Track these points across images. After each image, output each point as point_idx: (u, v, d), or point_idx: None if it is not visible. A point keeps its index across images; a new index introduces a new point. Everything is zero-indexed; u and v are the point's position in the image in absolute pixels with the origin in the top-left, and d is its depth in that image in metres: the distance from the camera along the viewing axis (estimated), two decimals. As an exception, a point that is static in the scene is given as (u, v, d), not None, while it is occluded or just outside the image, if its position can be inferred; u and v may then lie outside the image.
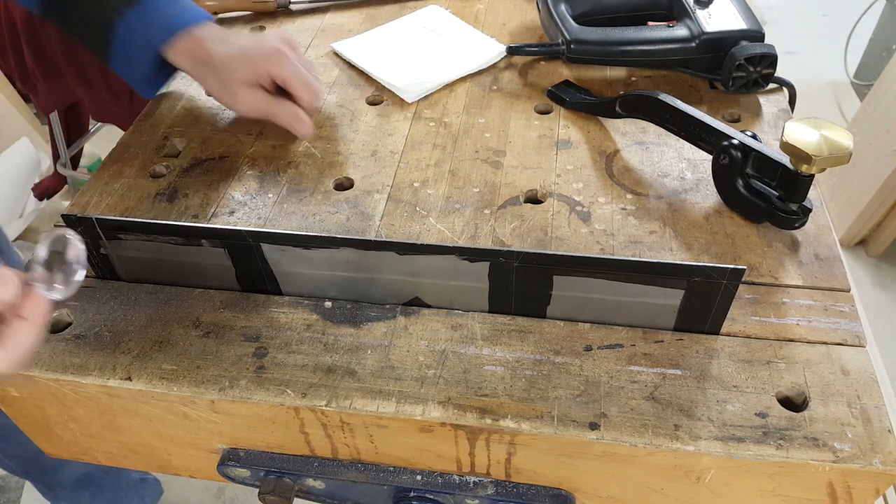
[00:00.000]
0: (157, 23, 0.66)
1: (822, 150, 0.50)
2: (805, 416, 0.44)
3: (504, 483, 0.51)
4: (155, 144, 0.69)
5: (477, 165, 0.64)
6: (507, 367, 0.48)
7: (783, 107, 0.69)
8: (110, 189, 0.64)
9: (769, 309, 0.51)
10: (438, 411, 0.46)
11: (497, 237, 0.57)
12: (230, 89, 0.66)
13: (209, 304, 0.54)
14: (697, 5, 0.72)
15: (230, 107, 0.69)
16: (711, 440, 0.44)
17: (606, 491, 0.50)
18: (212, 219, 0.60)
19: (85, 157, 1.80)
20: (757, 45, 0.68)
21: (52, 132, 1.60)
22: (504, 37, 0.81)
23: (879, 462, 0.42)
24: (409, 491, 0.51)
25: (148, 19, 0.66)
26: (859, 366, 0.47)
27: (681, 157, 0.64)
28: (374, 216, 0.60)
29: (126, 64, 0.69)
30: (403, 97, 0.73)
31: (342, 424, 0.48)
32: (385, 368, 0.49)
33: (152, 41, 0.66)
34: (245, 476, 0.54)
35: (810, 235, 0.56)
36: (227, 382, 0.48)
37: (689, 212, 0.59)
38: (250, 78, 0.65)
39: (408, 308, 0.53)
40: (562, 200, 0.60)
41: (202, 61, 0.67)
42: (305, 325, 0.52)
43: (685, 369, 0.48)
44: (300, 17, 0.88)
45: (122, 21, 0.65)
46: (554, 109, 0.71)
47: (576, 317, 0.51)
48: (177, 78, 0.79)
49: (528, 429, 0.45)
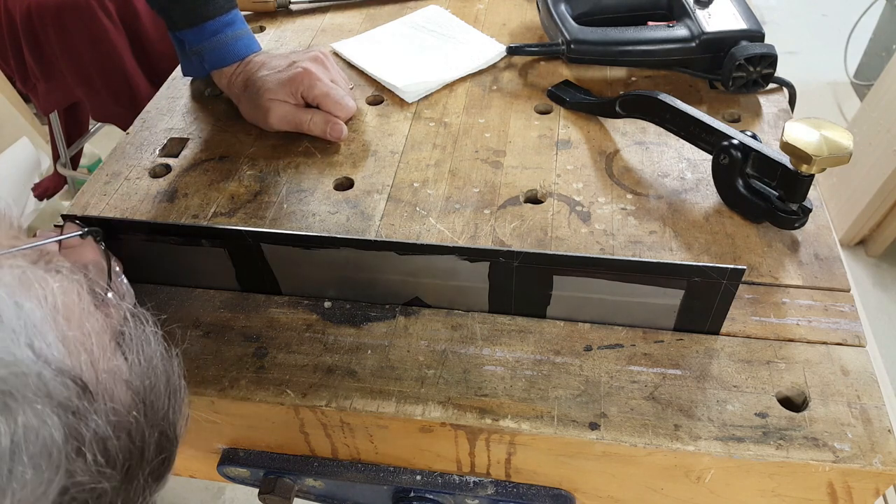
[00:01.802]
0: (211, 51, 0.70)
1: (822, 150, 0.50)
2: (805, 416, 0.44)
3: (504, 483, 0.51)
4: (155, 144, 0.69)
5: (477, 165, 0.64)
6: (507, 367, 0.48)
7: (783, 107, 0.69)
8: (110, 189, 0.64)
9: (769, 309, 0.51)
10: (438, 411, 0.46)
11: (497, 237, 0.57)
12: (261, 110, 0.68)
13: (209, 304, 0.54)
14: (697, 5, 0.72)
15: (263, 125, 0.70)
16: (711, 440, 0.44)
17: (606, 491, 0.50)
18: (212, 219, 0.60)
19: (85, 157, 1.80)
20: (757, 45, 0.68)
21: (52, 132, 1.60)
22: (504, 37, 0.81)
23: (879, 462, 0.42)
24: (409, 491, 0.51)
25: (206, 43, 0.70)
26: (859, 366, 0.47)
27: (681, 157, 0.64)
28: (374, 216, 0.60)
29: (183, 60, 0.75)
30: (403, 97, 0.73)
31: (342, 424, 0.48)
32: (385, 368, 0.49)
33: (203, 63, 0.71)
34: (245, 476, 0.54)
35: (810, 235, 0.56)
36: (227, 382, 0.48)
37: (689, 212, 0.59)
38: (281, 99, 0.68)
39: (408, 308, 0.53)
40: (562, 200, 0.60)
41: (240, 87, 0.70)
42: (305, 325, 0.52)
43: (685, 369, 0.48)
44: (300, 17, 0.88)
45: (187, 33, 0.70)
46: (554, 109, 0.71)
47: (576, 317, 0.51)
48: (176, 78, 0.79)
49: (528, 429, 0.45)
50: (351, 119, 0.70)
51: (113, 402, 0.28)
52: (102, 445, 0.26)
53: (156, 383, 0.31)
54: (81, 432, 0.25)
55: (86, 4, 1.27)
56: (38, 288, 0.27)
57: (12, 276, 0.26)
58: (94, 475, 0.26)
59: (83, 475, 0.25)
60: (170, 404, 0.32)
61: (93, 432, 0.26)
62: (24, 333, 0.25)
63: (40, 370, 0.24)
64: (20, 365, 0.24)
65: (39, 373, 0.24)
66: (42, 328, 0.26)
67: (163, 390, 0.32)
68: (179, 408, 0.33)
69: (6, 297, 0.25)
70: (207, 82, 0.77)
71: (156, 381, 0.31)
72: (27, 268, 0.28)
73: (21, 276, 0.27)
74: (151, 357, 0.32)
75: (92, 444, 0.26)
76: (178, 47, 0.73)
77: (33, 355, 0.25)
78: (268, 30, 0.85)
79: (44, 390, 0.24)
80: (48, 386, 0.25)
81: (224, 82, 0.72)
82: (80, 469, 0.25)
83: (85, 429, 0.25)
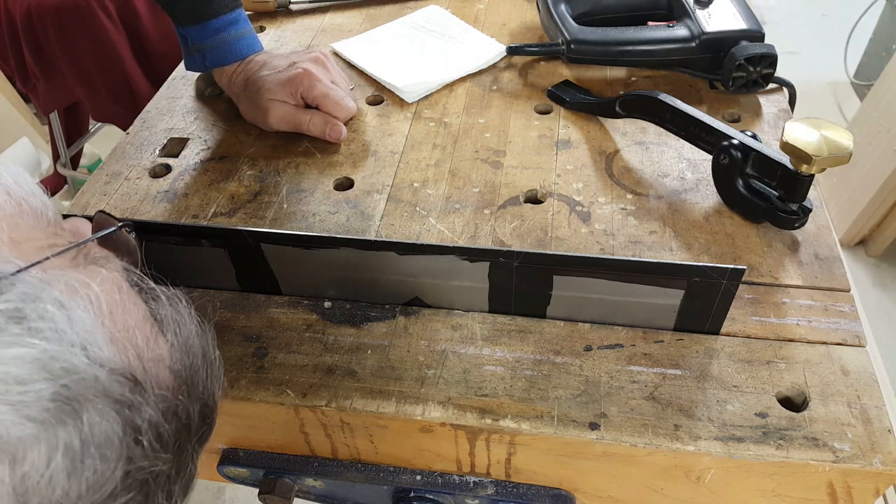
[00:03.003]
0: (213, 49, 0.70)
1: (822, 150, 0.50)
2: (805, 416, 0.44)
3: (504, 483, 0.51)
4: (155, 144, 0.69)
5: (477, 165, 0.64)
6: (507, 367, 0.48)
7: (783, 107, 0.69)
8: (110, 189, 0.64)
9: (769, 309, 0.51)
10: (438, 411, 0.46)
11: (497, 237, 0.57)
12: (261, 110, 0.68)
13: (209, 304, 0.54)
14: (697, 5, 0.72)
15: (262, 125, 0.70)
16: (711, 440, 0.44)
17: (606, 491, 0.50)
18: (212, 219, 0.60)
19: (85, 157, 1.80)
20: (757, 45, 0.68)
21: (52, 132, 1.60)
22: (504, 37, 0.81)
23: (879, 462, 0.42)
24: (409, 491, 0.51)
25: (208, 41, 0.70)
26: (859, 366, 0.47)
27: (681, 157, 0.64)
28: (374, 216, 0.60)
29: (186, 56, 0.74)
30: (403, 97, 0.73)
31: (342, 424, 0.48)
32: (385, 368, 0.49)
33: (205, 61, 0.71)
34: (245, 476, 0.54)
35: (810, 235, 0.56)
36: (227, 382, 0.48)
37: (689, 212, 0.59)
38: (280, 99, 0.68)
39: (408, 308, 0.53)
40: (562, 200, 0.60)
41: (240, 86, 0.70)
42: (305, 325, 0.52)
43: (685, 369, 0.48)
44: (300, 17, 0.88)
45: (190, 30, 0.70)
46: (554, 109, 0.71)
47: (576, 317, 0.51)
48: (177, 78, 0.79)
49: (528, 429, 0.45)
50: (351, 119, 0.70)
51: (160, 388, 0.31)
52: (156, 431, 0.29)
53: (194, 361, 0.34)
54: (137, 423, 0.28)
55: (86, 4, 1.27)
56: (82, 293, 0.29)
57: (59, 287, 0.28)
58: (151, 458, 0.29)
59: (142, 460, 0.28)
60: (208, 375, 0.35)
61: (147, 421, 0.29)
62: (79, 343, 0.27)
63: (96, 373, 0.27)
64: (80, 372, 0.26)
65: (96, 376, 0.27)
66: (93, 333, 0.28)
67: (200, 365, 0.35)
68: (217, 376, 0.36)
69: (59, 312, 0.27)
70: (208, 81, 0.77)
71: (194, 359, 0.34)
72: (71, 274, 0.30)
73: (67, 284, 0.29)
74: (188, 336, 0.35)
75: (147, 431, 0.28)
76: (181, 42, 0.73)
77: (88, 360, 0.27)
78: (268, 30, 0.85)
79: (101, 390, 0.27)
80: (104, 386, 0.27)
81: (224, 81, 0.72)
82: (139, 455, 0.28)
83: (139, 419, 0.28)
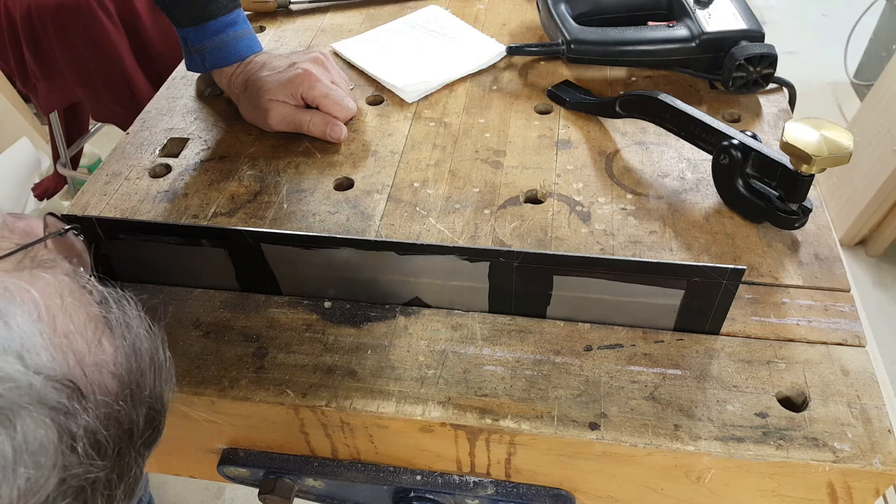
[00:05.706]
0: (212, 50, 0.70)
1: (822, 150, 0.50)
2: (805, 416, 0.44)
3: (504, 483, 0.51)
4: (155, 144, 0.69)
5: (477, 165, 0.64)
6: (507, 367, 0.48)
7: (783, 107, 0.69)
8: (110, 189, 0.64)
9: (769, 309, 0.51)
10: (438, 411, 0.46)
11: (497, 237, 0.57)
12: (261, 110, 0.68)
13: (209, 304, 0.54)
14: (697, 5, 0.72)
15: (262, 125, 0.70)
16: (711, 440, 0.44)
17: (606, 491, 0.50)
18: (212, 219, 0.60)
19: (85, 157, 1.80)
20: (757, 45, 0.68)
21: (52, 132, 1.59)
22: (504, 37, 0.81)
23: (879, 462, 0.42)
24: (409, 491, 0.51)
25: (207, 43, 0.70)
26: (859, 366, 0.47)
27: (681, 157, 0.64)
28: (374, 216, 0.60)
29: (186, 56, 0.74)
30: (403, 97, 0.73)
31: (342, 424, 0.48)
32: (385, 368, 0.49)
33: (204, 62, 0.71)
34: (245, 476, 0.54)
35: (810, 235, 0.56)
36: (227, 382, 0.48)
37: (689, 212, 0.59)
38: (280, 100, 0.68)
39: (408, 308, 0.53)
40: (562, 200, 0.60)
41: (240, 87, 0.70)
42: (305, 325, 0.52)
43: (685, 369, 0.48)
44: (300, 17, 0.88)
45: (189, 32, 0.70)
46: (554, 109, 0.71)
47: (576, 317, 0.51)
48: (177, 78, 0.79)
49: (528, 429, 0.45)
50: (351, 119, 0.70)
51: (102, 393, 0.30)
52: (93, 438, 0.28)
53: (141, 364, 0.33)
54: (73, 430, 0.27)
55: (86, 4, 1.27)
56: (21, 299, 0.29)
57: None
58: (87, 465, 0.28)
59: (77, 467, 0.28)
60: (155, 379, 0.34)
61: (83, 428, 0.28)
62: (14, 350, 0.27)
63: (31, 380, 0.27)
64: (14, 380, 0.26)
65: (30, 383, 0.27)
66: (30, 340, 0.28)
67: (147, 368, 0.34)
68: (165, 379, 0.35)
69: None
70: (208, 82, 0.77)
71: (141, 362, 0.33)
72: (9, 280, 0.30)
73: (5, 289, 0.29)
74: (135, 339, 0.34)
75: (82, 438, 0.28)
76: (182, 43, 0.73)
77: (23, 368, 0.27)
78: (268, 30, 0.85)
79: (37, 398, 0.26)
80: (40, 393, 0.27)
81: (224, 82, 0.72)
82: (74, 462, 0.27)
83: (76, 426, 0.28)
